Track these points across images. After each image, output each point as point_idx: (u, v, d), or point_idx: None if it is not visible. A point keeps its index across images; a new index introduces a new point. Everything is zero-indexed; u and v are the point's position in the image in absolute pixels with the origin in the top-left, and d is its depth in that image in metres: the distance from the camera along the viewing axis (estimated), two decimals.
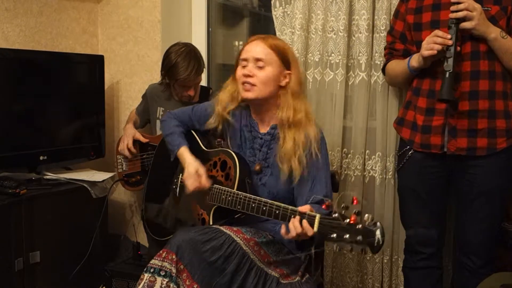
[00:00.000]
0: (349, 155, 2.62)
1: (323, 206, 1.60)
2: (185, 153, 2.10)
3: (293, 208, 1.71)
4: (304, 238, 1.66)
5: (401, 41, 2.23)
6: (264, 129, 2.03)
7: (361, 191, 2.60)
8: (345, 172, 2.62)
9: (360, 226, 1.50)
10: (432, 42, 1.96)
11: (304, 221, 1.64)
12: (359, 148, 2.57)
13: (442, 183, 2.17)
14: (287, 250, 1.92)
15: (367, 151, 2.58)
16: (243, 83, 1.94)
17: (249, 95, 1.94)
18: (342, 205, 1.55)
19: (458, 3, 1.94)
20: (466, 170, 2.08)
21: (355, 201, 1.54)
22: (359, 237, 1.49)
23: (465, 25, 1.94)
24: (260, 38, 1.96)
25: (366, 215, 1.52)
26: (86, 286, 2.79)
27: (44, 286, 2.61)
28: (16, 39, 2.86)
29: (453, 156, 2.06)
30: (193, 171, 2.01)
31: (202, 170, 2.02)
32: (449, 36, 1.94)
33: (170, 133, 2.18)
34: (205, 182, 2.00)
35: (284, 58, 1.95)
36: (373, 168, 2.56)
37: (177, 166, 2.18)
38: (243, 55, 1.96)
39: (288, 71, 1.96)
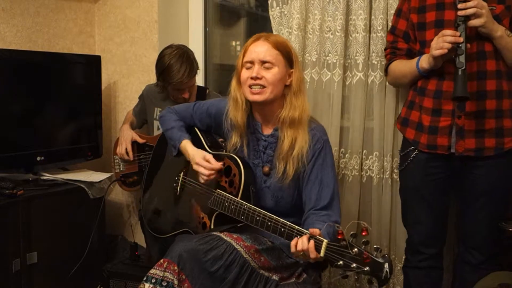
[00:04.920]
0: (346, 155, 2.62)
1: (338, 236, 1.56)
2: (187, 146, 2.07)
3: (300, 228, 1.69)
4: (308, 259, 1.64)
5: (404, 40, 2.20)
6: (267, 131, 1.99)
7: (359, 191, 2.60)
8: (343, 172, 2.62)
9: (369, 258, 1.49)
10: (442, 42, 1.93)
11: (311, 242, 1.62)
12: (357, 148, 2.57)
13: (445, 183, 2.16)
14: (286, 256, 1.91)
15: (364, 151, 2.58)
16: (250, 85, 1.88)
17: (258, 98, 1.88)
18: (351, 233, 1.54)
19: (467, 0, 1.92)
20: (471, 170, 2.08)
21: (364, 231, 1.52)
22: (367, 268, 1.49)
23: (474, 22, 1.93)
24: (263, 37, 1.91)
25: (375, 246, 1.51)
26: (84, 286, 2.78)
27: (41, 287, 2.60)
28: (12, 39, 2.86)
29: (459, 156, 2.06)
30: (200, 159, 1.98)
31: (209, 156, 1.99)
32: (458, 34, 1.92)
33: (170, 128, 2.16)
34: (216, 164, 1.96)
35: (289, 57, 1.92)
36: (371, 167, 2.56)
37: (177, 164, 2.17)
38: (248, 57, 1.90)
39: (292, 70, 1.93)
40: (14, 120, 2.65)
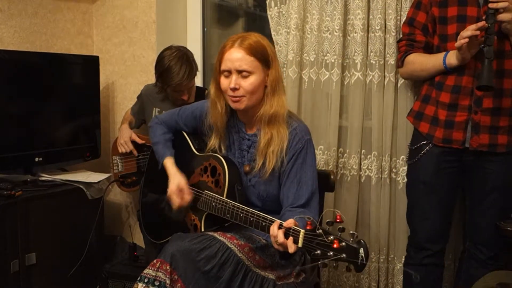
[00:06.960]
0: (345, 155, 2.62)
1: (308, 227, 1.57)
2: (168, 165, 2.10)
3: (280, 221, 1.68)
4: (286, 250, 1.64)
5: (422, 32, 2.23)
6: (251, 130, 2.01)
7: (357, 190, 2.60)
8: (341, 172, 2.63)
9: (343, 244, 1.49)
10: (464, 32, 1.94)
11: (290, 238, 1.61)
12: (355, 148, 2.57)
13: (456, 178, 2.18)
14: (281, 254, 1.91)
15: (363, 151, 2.58)
16: (230, 95, 1.89)
17: (239, 106, 1.90)
18: (327, 221, 1.54)
19: None
20: (483, 165, 2.12)
21: (338, 218, 1.53)
22: (343, 255, 1.49)
23: (503, 16, 1.93)
24: (238, 42, 1.87)
25: (351, 232, 1.51)
26: (83, 287, 2.78)
27: None
28: (10, 40, 2.85)
29: (472, 151, 2.09)
30: (174, 188, 2.01)
31: (183, 184, 2.02)
32: (483, 23, 1.92)
33: (156, 142, 2.19)
34: (187, 197, 2.00)
35: (265, 60, 1.89)
36: (369, 167, 2.56)
37: None
38: (224, 66, 1.89)
39: (269, 71, 1.91)
40: (13, 121, 2.64)
